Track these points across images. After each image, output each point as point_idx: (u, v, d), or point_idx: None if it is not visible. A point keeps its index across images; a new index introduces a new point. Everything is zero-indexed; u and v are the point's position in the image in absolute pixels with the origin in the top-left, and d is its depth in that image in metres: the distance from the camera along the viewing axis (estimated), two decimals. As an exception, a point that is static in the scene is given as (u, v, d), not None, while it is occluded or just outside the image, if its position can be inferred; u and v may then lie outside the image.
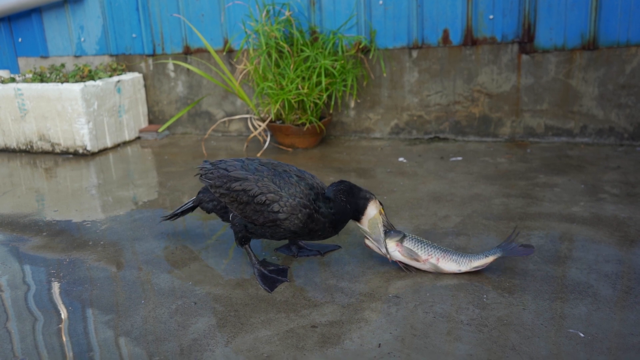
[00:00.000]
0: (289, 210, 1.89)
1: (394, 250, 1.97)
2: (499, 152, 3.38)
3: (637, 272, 1.90)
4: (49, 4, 4.46)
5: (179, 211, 2.31)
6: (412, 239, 1.98)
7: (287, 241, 2.25)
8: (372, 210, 1.97)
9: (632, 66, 3.25)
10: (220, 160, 2.11)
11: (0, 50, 4.82)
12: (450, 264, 1.95)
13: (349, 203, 1.95)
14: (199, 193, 2.19)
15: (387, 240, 1.98)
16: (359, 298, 1.84)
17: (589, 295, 1.78)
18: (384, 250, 1.97)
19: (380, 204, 2.01)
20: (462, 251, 2.12)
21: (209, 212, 2.15)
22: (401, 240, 1.97)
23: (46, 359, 1.63)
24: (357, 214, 1.97)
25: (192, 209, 2.29)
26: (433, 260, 1.95)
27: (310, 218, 1.91)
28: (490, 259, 1.94)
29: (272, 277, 1.98)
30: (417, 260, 1.96)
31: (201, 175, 2.10)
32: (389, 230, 2.00)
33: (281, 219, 1.90)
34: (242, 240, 2.04)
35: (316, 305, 1.82)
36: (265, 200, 1.90)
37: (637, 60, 3.23)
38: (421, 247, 1.97)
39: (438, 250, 1.97)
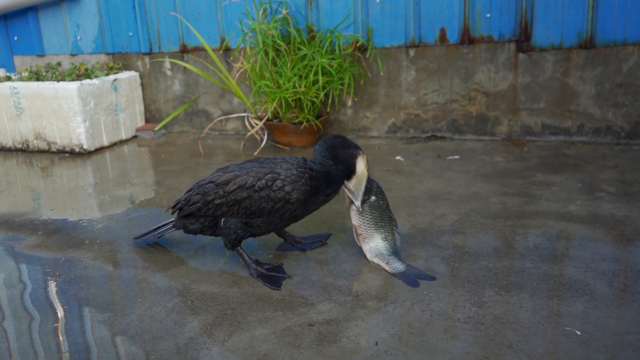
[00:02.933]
0: (293, 180, 1.91)
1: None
2: (496, 150, 3.38)
3: (633, 270, 1.90)
4: (45, 2, 4.44)
5: (158, 235, 2.24)
6: (370, 205, 2.03)
7: (282, 239, 2.24)
8: (360, 167, 1.99)
9: (629, 65, 3.25)
10: (189, 191, 2.10)
11: (-4, 49, 4.81)
12: (365, 247, 2.05)
13: (338, 165, 1.98)
14: (179, 218, 2.13)
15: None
16: (356, 296, 1.84)
17: (585, 293, 1.78)
18: (357, 204, 2.03)
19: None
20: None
21: (195, 233, 2.12)
22: (364, 201, 2.03)
23: (42, 358, 1.62)
24: (350, 173, 1.99)
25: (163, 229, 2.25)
26: (359, 232, 2.05)
27: (313, 180, 1.93)
28: (389, 269, 1.97)
29: (272, 275, 1.98)
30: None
31: (181, 210, 2.08)
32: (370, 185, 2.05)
33: (288, 191, 1.90)
34: (235, 242, 2.02)
35: (313, 303, 1.82)
36: (266, 183, 1.91)
37: (634, 59, 3.23)
38: (361, 216, 2.03)
39: (369, 229, 2.03)
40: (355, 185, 2.02)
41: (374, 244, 2.03)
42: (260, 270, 2.00)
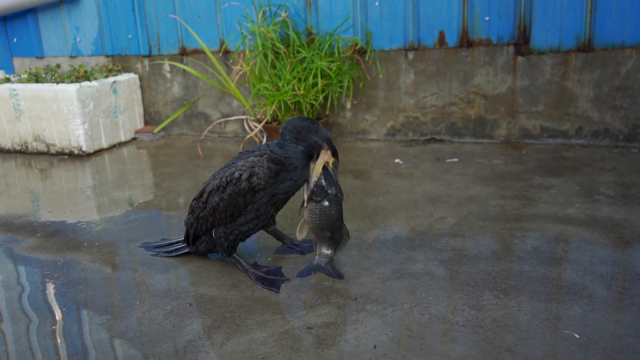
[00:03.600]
0: (249, 166, 1.89)
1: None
2: (494, 153, 3.39)
3: (632, 274, 1.90)
4: (44, 5, 4.44)
5: (171, 251, 2.26)
6: (321, 209, 1.94)
7: (281, 242, 2.24)
8: (320, 159, 1.93)
9: (627, 68, 3.26)
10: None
11: (-5, 51, 4.81)
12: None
13: (299, 146, 1.91)
14: (193, 245, 2.18)
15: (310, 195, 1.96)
16: (355, 299, 1.84)
17: (584, 296, 1.78)
18: (305, 197, 1.97)
19: (335, 155, 1.94)
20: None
21: (206, 254, 2.18)
22: (320, 201, 1.94)
23: (40, 360, 1.62)
24: (311, 157, 1.93)
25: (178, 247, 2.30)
26: (308, 226, 1.99)
27: (272, 162, 1.89)
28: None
29: (270, 278, 1.98)
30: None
31: (188, 237, 2.16)
32: (323, 185, 1.94)
33: (245, 178, 1.89)
34: (229, 249, 2.04)
35: (311, 306, 1.82)
36: (227, 179, 1.93)
37: (632, 62, 3.24)
38: (310, 214, 1.95)
39: (314, 229, 1.97)
40: (311, 174, 1.96)
41: (318, 239, 2.02)
42: (258, 274, 2.00)
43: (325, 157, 1.93)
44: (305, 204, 1.97)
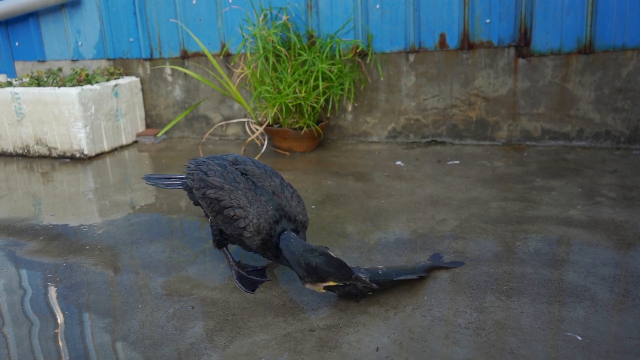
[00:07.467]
0: (253, 230, 1.85)
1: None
2: (496, 155, 3.39)
3: (634, 275, 1.90)
4: (46, 8, 4.46)
5: (167, 183, 2.29)
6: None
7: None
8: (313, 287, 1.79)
9: (628, 70, 3.26)
10: (204, 160, 2.07)
11: (-3, 55, 4.82)
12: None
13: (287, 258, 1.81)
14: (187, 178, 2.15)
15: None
16: (357, 302, 1.84)
17: (586, 298, 1.78)
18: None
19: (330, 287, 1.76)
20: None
21: (195, 203, 2.15)
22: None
23: (42, 363, 1.62)
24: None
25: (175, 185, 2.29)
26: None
27: (264, 243, 1.87)
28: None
29: (250, 278, 1.99)
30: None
31: (187, 175, 2.13)
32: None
33: (246, 236, 1.87)
34: (219, 242, 2.05)
35: (314, 309, 1.82)
36: (233, 215, 1.87)
37: (633, 64, 3.24)
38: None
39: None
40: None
41: None
42: (240, 272, 2.01)
43: (316, 287, 1.77)
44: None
